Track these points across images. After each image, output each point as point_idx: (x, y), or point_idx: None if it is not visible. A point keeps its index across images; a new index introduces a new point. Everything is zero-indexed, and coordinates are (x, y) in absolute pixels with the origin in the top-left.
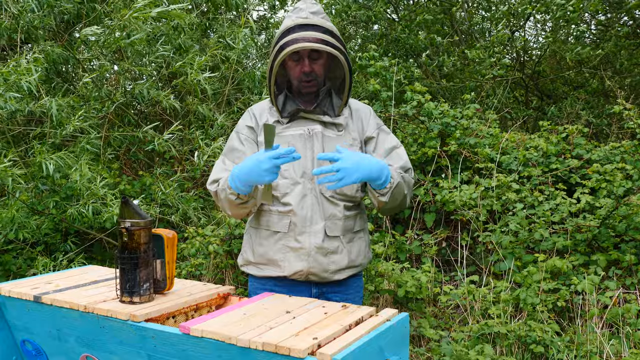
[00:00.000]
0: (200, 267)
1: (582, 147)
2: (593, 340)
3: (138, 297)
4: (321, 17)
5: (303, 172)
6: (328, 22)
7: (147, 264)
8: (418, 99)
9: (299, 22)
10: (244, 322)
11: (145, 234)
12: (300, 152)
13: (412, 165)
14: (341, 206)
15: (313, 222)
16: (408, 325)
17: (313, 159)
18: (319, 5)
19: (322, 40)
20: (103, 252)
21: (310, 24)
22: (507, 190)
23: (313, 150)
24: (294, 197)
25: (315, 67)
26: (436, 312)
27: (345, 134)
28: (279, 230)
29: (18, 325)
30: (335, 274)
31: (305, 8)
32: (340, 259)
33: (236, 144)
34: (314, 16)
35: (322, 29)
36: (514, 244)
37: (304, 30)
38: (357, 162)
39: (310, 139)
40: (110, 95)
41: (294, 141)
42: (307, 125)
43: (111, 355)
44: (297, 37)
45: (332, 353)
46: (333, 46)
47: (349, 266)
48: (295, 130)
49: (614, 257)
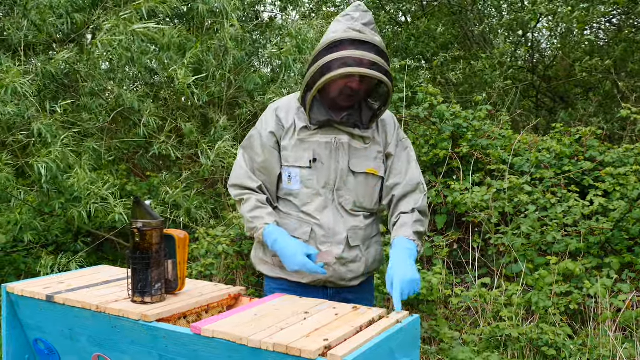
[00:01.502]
0: (210, 267)
1: (595, 149)
2: (606, 344)
3: (150, 297)
4: (372, 29)
5: (325, 182)
6: (377, 35)
7: (159, 264)
8: (430, 101)
9: (352, 37)
10: (255, 322)
11: (157, 235)
12: (325, 162)
13: (424, 167)
14: (361, 216)
15: (337, 233)
16: (419, 327)
17: (337, 170)
18: (370, 14)
19: (375, 64)
20: (114, 252)
21: (364, 40)
22: (519, 193)
23: (338, 162)
24: (315, 207)
25: (363, 86)
26: (447, 315)
27: (372, 147)
28: (299, 237)
29: (31, 324)
30: (351, 281)
31: (358, 18)
32: (358, 267)
33: (255, 145)
34: (366, 29)
35: (376, 49)
36: (526, 247)
37: (356, 47)
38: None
39: (336, 150)
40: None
41: (320, 150)
42: (334, 134)
43: (123, 354)
44: (352, 58)
45: (343, 354)
46: (384, 71)
47: (364, 274)
48: (322, 138)
49: (627, 260)
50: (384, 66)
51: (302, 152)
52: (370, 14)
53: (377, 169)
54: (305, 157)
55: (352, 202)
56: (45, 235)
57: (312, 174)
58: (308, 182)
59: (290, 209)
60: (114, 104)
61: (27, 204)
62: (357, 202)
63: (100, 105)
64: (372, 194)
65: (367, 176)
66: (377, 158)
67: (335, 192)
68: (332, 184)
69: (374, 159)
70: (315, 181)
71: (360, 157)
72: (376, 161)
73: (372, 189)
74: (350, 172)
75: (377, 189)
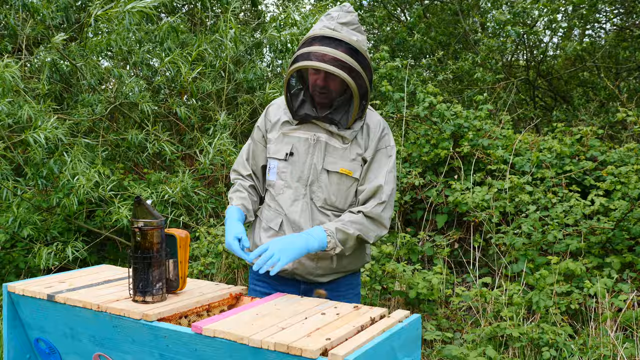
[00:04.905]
0: (211, 266)
1: (596, 148)
2: (607, 344)
3: (151, 297)
4: (352, 29)
5: (299, 177)
6: (358, 34)
7: (160, 263)
8: (430, 100)
9: (324, 33)
10: (256, 322)
11: (158, 234)
12: (301, 157)
13: (425, 167)
14: (331, 215)
15: (301, 227)
16: (420, 326)
17: (311, 166)
18: (354, 15)
19: (339, 61)
20: (116, 252)
21: (336, 37)
22: (520, 192)
23: (313, 158)
24: (285, 200)
25: (330, 83)
26: (448, 314)
27: (352, 148)
28: (272, 228)
29: (32, 323)
30: (320, 277)
31: (336, 17)
32: (327, 264)
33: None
34: (342, 28)
35: (346, 46)
36: (526, 246)
37: (326, 44)
38: (282, 246)
39: (313, 146)
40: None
41: (298, 144)
42: (314, 131)
43: (124, 354)
44: (315, 53)
45: (344, 354)
46: (349, 68)
47: (337, 271)
48: (302, 134)
49: (628, 260)
50: (350, 63)
51: (282, 146)
52: (352, 15)
53: (351, 170)
54: (283, 150)
55: (323, 199)
56: (45, 233)
57: (287, 167)
58: (282, 175)
59: (270, 200)
60: (113, 99)
61: (25, 200)
62: (328, 200)
63: (98, 100)
64: (346, 195)
65: (340, 176)
66: (355, 160)
67: (309, 187)
68: (305, 178)
69: (350, 160)
70: (289, 174)
71: (337, 156)
72: (353, 163)
73: (345, 189)
74: (324, 170)
75: (352, 190)
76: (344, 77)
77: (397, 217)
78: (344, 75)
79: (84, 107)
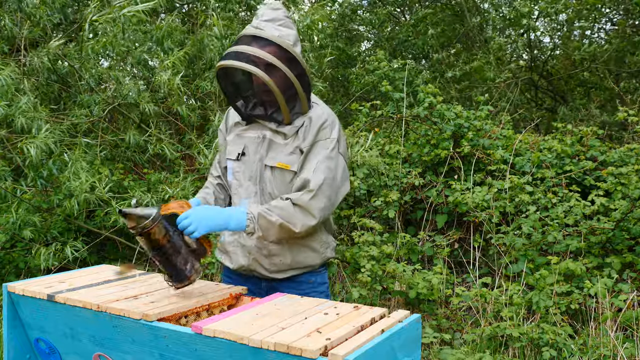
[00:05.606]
0: (211, 266)
1: (596, 148)
2: (607, 344)
3: (188, 280)
4: (278, 25)
5: (250, 175)
6: (283, 29)
7: (177, 248)
8: (430, 100)
9: (247, 32)
10: (256, 322)
11: (159, 228)
12: (251, 156)
13: (425, 166)
14: None
15: None
16: (420, 326)
17: (257, 164)
18: (280, 11)
19: (254, 57)
20: (116, 252)
21: (256, 35)
22: (520, 192)
23: (259, 155)
24: (239, 199)
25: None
26: (448, 314)
27: (292, 142)
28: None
29: (32, 323)
30: (276, 274)
31: (261, 15)
32: (281, 260)
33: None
34: (267, 24)
35: (265, 42)
36: (526, 246)
37: (247, 42)
38: (201, 216)
39: (260, 145)
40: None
41: (249, 144)
42: (261, 130)
43: (124, 354)
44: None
45: (344, 354)
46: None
47: (293, 267)
48: (252, 133)
49: (628, 260)
50: (266, 59)
51: (236, 146)
52: (278, 12)
53: (289, 163)
54: (236, 151)
55: (270, 194)
56: (45, 233)
57: (240, 167)
58: (236, 174)
59: (233, 199)
60: (111, 100)
61: (24, 202)
62: (273, 194)
63: (96, 102)
64: (289, 188)
65: (281, 171)
66: (294, 153)
67: (259, 184)
68: (255, 177)
69: (288, 154)
70: (242, 173)
71: (277, 151)
72: (290, 156)
73: (287, 182)
74: (266, 166)
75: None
76: (255, 72)
77: (397, 217)
78: (255, 70)
79: (82, 108)
